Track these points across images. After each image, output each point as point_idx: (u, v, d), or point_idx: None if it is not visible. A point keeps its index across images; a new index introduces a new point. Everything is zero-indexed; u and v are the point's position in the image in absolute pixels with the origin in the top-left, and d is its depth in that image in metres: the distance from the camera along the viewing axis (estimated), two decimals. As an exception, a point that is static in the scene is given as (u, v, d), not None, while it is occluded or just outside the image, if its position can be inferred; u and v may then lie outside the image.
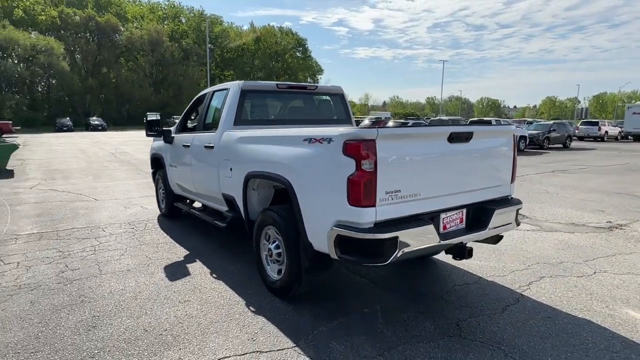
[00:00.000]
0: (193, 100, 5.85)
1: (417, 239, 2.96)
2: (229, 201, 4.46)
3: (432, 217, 3.17)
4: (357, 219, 2.82)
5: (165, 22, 67.81)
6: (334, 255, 2.97)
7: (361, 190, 2.76)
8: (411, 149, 2.99)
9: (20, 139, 26.80)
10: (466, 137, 3.27)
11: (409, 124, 17.07)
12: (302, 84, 5.37)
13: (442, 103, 76.86)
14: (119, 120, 55.27)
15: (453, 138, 3.17)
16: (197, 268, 4.51)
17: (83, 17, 54.23)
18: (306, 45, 78.03)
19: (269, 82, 5.08)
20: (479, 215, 3.49)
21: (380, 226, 2.86)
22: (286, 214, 3.48)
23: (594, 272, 4.41)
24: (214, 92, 5.18)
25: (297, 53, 77.20)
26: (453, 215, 3.32)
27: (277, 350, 2.91)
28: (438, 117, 31.47)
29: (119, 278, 4.20)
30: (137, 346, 2.95)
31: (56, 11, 53.14)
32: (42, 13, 52.83)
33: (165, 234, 5.83)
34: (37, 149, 20.84)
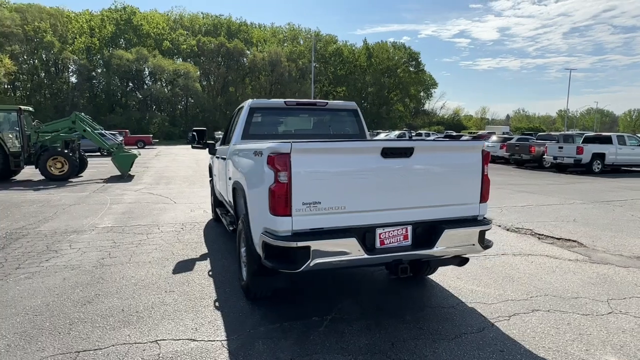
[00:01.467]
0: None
1: (335, 251, 3.03)
2: (232, 207, 4.95)
3: (365, 231, 3.19)
4: (275, 226, 3.02)
5: (285, 44, 73.31)
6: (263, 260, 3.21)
7: (277, 200, 2.97)
8: (334, 162, 3.07)
9: (155, 150, 31.63)
10: (405, 153, 3.22)
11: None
12: (312, 100, 5.64)
13: (566, 115, 68.14)
14: (241, 135, 61.22)
15: (387, 153, 3.16)
16: (203, 265, 5.07)
17: (216, 44, 61.79)
18: (419, 59, 76.83)
19: (278, 99, 5.48)
20: (428, 233, 3.36)
21: (299, 235, 3.01)
22: (247, 220, 3.81)
23: (609, 313, 3.78)
24: (239, 109, 5.76)
25: (410, 67, 76.45)
26: (393, 231, 3.28)
27: (207, 340, 3.24)
28: (546, 133, 28.48)
29: (137, 267, 4.97)
30: (106, 321, 3.56)
31: (195, 40, 61.63)
32: (184, 43, 61.81)
33: (201, 235, 6.58)
34: (163, 159, 24.43)
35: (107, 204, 9.46)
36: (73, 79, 55.40)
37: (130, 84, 56.52)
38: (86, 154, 17.98)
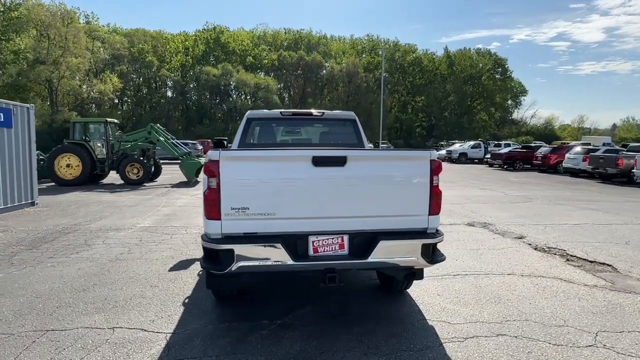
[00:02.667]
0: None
1: (260, 255, 3.12)
2: None
3: (296, 238, 3.24)
4: (208, 229, 3.22)
5: (363, 55, 73.78)
6: None
7: (208, 204, 3.17)
8: (263, 170, 3.18)
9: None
10: (338, 162, 3.21)
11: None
12: (308, 110, 5.72)
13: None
14: (316, 145, 62.94)
15: (318, 162, 3.18)
16: (198, 265, 5.42)
17: (296, 58, 64.34)
18: (506, 65, 72.24)
19: (274, 110, 5.68)
20: (366, 244, 3.29)
21: (227, 239, 3.17)
22: None
23: (589, 345, 3.35)
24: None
25: (496, 74, 72.23)
26: (328, 239, 3.28)
27: (155, 332, 3.52)
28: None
29: (144, 264, 5.47)
30: (86, 307, 4.02)
31: (276, 55, 64.79)
32: (266, 57, 65.29)
33: (218, 238, 7.00)
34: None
35: (160, 206, 10.42)
36: (169, 94, 61.35)
37: (217, 98, 60.95)
38: (167, 161, 19.91)
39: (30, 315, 3.83)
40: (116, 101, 57.27)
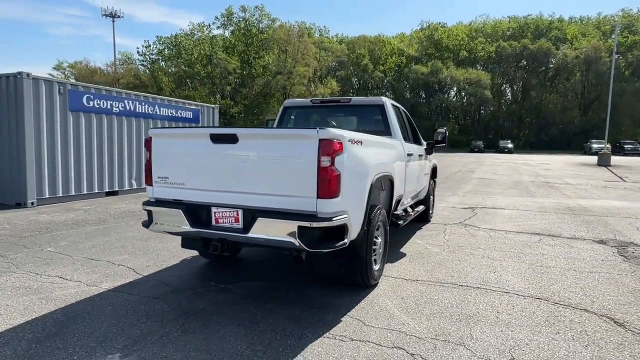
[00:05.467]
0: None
1: (167, 219, 3.65)
2: None
3: (200, 207, 3.60)
4: (148, 193, 3.94)
5: (613, 36, 60.03)
6: None
7: (146, 172, 3.88)
8: (178, 146, 3.67)
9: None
10: (230, 139, 3.37)
11: None
12: (336, 98, 5.65)
13: None
14: (536, 144, 55.26)
15: (214, 139, 3.44)
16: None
17: (518, 47, 57.80)
18: None
19: (305, 99, 5.83)
20: (252, 219, 3.35)
21: (156, 201, 3.82)
22: None
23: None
24: None
25: None
26: (225, 212, 3.50)
27: (93, 285, 4.42)
28: None
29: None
30: (70, 255, 5.34)
31: (493, 47, 59.72)
32: (482, 50, 60.96)
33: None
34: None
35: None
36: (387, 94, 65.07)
37: (425, 95, 60.90)
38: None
39: (33, 247, 5.41)
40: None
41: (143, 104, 10.84)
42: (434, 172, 7.73)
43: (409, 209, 5.98)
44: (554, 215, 8.31)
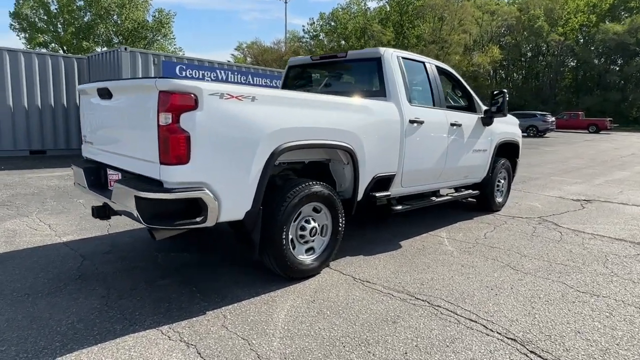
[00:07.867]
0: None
1: (76, 177, 3.54)
2: None
3: (99, 168, 3.39)
4: None
5: None
6: None
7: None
8: (86, 102, 3.49)
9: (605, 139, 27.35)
10: (106, 94, 3.00)
11: None
12: (332, 53, 4.60)
13: None
14: None
15: (100, 94, 3.12)
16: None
17: None
18: None
19: (307, 56, 4.94)
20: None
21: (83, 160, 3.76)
22: None
23: None
24: None
25: None
26: (113, 175, 3.21)
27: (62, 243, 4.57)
28: None
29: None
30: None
31: None
32: None
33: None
34: (593, 147, 21.26)
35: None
36: (558, 60, 54.59)
37: (617, 61, 48.94)
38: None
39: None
40: (492, 72, 56.68)
41: (236, 73, 11.28)
42: (505, 150, 5.94)
43: (448, 191, 4.78)
44: None
